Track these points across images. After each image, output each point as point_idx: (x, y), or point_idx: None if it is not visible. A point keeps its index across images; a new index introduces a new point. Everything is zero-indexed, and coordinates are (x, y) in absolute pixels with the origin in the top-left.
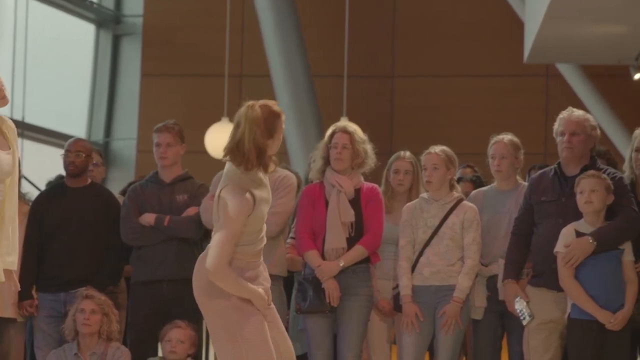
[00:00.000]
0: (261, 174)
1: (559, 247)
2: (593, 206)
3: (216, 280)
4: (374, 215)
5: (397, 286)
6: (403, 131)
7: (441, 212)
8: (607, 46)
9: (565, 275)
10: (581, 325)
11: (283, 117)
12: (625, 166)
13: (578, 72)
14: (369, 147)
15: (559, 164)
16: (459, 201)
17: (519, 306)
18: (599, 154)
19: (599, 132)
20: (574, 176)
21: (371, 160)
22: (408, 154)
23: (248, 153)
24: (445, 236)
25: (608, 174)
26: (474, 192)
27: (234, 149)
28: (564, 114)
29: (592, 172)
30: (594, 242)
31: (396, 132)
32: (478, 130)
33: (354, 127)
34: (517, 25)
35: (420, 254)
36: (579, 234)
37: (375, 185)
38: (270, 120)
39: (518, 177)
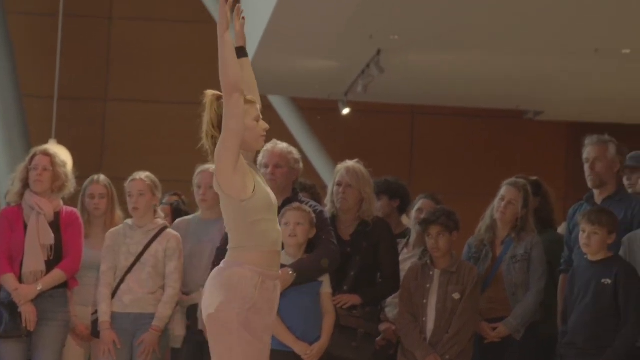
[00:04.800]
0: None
1: None
2: (297, 239)
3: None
4: (73, 239)
5: (96, 312)
6: (114, 156)
7: (145, 239)
8: (318, 80)
9: None
10: (279, 356)
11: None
12: (327, 200)
13: (289, 105)
14: (69, 171)
15: None
16: (163, 229)
17: None
18: (305, 188)
19: (301, 165)
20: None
21: (71, 184)
22: (102, 177)
23: None
24: (147, 263)
25: (309, 207)
26: (177, 220)
27: None
28: (268, 147)
29: (297, 204)
30: (293, 274)
31: (106, 156)
32: (189, 158)
33: (54, 150)
34: None
35: (122, 280)
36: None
37: (75, 210)
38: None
39: None
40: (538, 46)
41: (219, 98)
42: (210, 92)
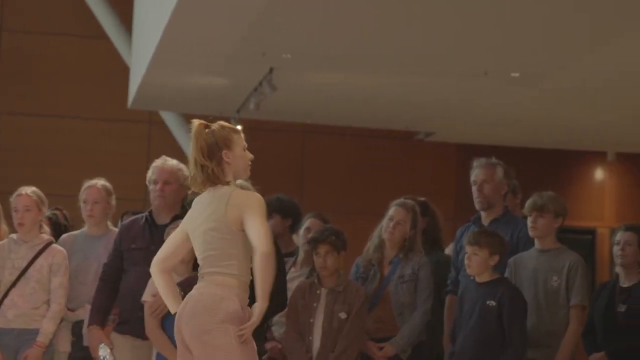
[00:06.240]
0: None
1: (146, 296)
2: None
3: (269, 261)
4: None
5: None
6: (3, 169)
7: (30, 253)
8: (210, 97)
9: (151, 324)
10: None
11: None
12: None
13: (180, 121)
14: None
15: (150, 212)
16: (49, 244)
17: (103, 353)
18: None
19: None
20: (164, 225)
21: None
22: None
23: None
24: (32, 278)
25: None
26: (64, 235)
27: None
28: (157, 163)
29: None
30: (181, 292)
31: None
32: (78, 173)
33: None
34: (124, 70)
35: (5, 295)
36: None
37: None
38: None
39: (109, 223)
40: (429, 68)
41: (206, 127)
42: (197, 122)
